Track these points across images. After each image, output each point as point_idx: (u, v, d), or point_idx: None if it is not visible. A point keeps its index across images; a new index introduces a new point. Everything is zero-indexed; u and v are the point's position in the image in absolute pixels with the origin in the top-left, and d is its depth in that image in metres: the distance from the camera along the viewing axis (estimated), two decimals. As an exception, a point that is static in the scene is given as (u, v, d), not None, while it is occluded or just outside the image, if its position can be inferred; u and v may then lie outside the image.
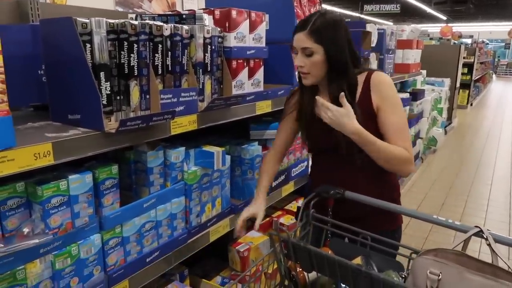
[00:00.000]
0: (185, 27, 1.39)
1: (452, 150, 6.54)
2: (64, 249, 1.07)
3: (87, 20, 1.10)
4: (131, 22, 1.20)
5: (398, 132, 1.36)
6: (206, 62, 1.49)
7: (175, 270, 1.64)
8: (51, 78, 1.22)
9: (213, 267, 1.90)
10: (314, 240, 1.28)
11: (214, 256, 1.93)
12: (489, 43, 24.33)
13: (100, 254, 1.16)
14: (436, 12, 16.04)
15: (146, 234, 1.31)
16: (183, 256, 1.46)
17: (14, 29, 1.38)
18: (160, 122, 1.22)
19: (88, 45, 1.12)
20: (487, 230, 1.02)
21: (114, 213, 1.19)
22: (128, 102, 1.25)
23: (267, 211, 2.11)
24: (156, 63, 1.30)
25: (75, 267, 1.09)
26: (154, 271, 1.36)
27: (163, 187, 1.39)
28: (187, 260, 1.53)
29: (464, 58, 8.56)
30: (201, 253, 1.59)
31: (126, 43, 1.20)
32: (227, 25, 1.57)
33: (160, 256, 1.37)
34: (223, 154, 1.53)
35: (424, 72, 5.80)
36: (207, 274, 1.82)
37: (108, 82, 1.17)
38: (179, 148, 1.43)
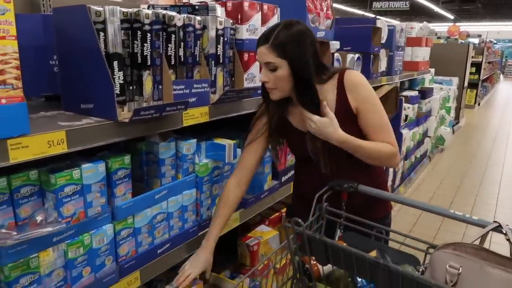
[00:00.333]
0: (197, 18, 1.37)
1: (460, 150, 6.49)
2: (77, 238, 1.06)
3: (101, 8, 1.09)
4: (145, 11, 1.19)
5: (380, 129, 1.36)
6: (218, 54, 1.48)
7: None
8: (64, 67, 1.21)
9: (221, 261, 1.88)
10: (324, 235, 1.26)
11: (223, 250, 1.92)
12: (496, 43, 24.11)
13: (112, 245, 1.15)
14: (443, 11, 15.92)
15: (158, 226, 1.30)
16: (194, 249, 1.44)
17: (25, 19, 1.37)
18: (173, 113, 1.21)
19: (102, 33, 1.11)
20: (506, 225, 1.01)
21: (126, 203, 1.18)
22: (140, 92, 1.24)
23: (276, 206, 2.10)
24: (169, 53, 1.29)
25: (88, 257, 1.09)
26: (165, 263, 1.35)
27: (174, 179, 1.38)
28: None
29: (472, 57, 8.48)
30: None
31: (139, 32, 1.19)
32: (239, 17, 1.55)
33: (171, 248, 1.36)
34: (235, 147, 1.52)
35: (432, 70, 5.75)
36: (216, 268, 1.81)
37: (121, 72, 1.16)
38: (191, 140, 1.41)
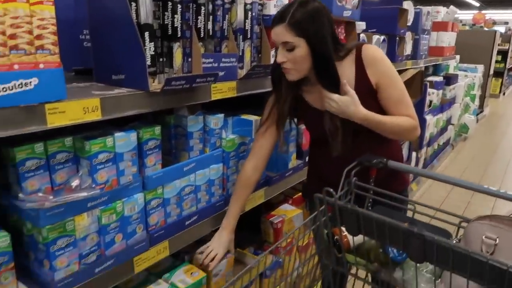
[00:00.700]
0: (227, -9, 1.36)
1: (484, 139, 6.32)
2: (110, 205, 1.08)
3: (134, -22, 1.09)
4: (176, -18, 1.18)
5: (400, 103, 1.35)
6: (246, 28, 1.47)
7: (210, 237, 1.64)
8: (96, 38, 1.22)
9: (244, 238, 1.90)
10: None
11: (246, 227, 1.93)
12: (524, 31, 23.22)
13: (142, 213, 1.18)
14: (469, -2, 15.40)
15: (186, 198, 1.32)
16: (219, 223, 1.46)
17: (57, -7, 1.39)
18: (202, 84, 1.21)
19: (134, 4, 1.11)
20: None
21: (156, 173, 1.20)
22: (170, 64, 1.24)
23: (299, 186, 2.09)
24: (198, 26, 1.29)
25: (120, 224, 1.11)
26: (191, 235, 1.37)
27: (202, 152, 1.39)
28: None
29: (498, 45, 8.20)
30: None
31: (170, 4, 1.19)
32: (267, -8, 1.53)
33: (198, 221, 1.38)
34: (261, 123, 1.51)
35: (457, 57, 5.60)
36: (239, 245, 1.82)
37: (152, 43, 1.16)
38: (218, 115, 1.42)
